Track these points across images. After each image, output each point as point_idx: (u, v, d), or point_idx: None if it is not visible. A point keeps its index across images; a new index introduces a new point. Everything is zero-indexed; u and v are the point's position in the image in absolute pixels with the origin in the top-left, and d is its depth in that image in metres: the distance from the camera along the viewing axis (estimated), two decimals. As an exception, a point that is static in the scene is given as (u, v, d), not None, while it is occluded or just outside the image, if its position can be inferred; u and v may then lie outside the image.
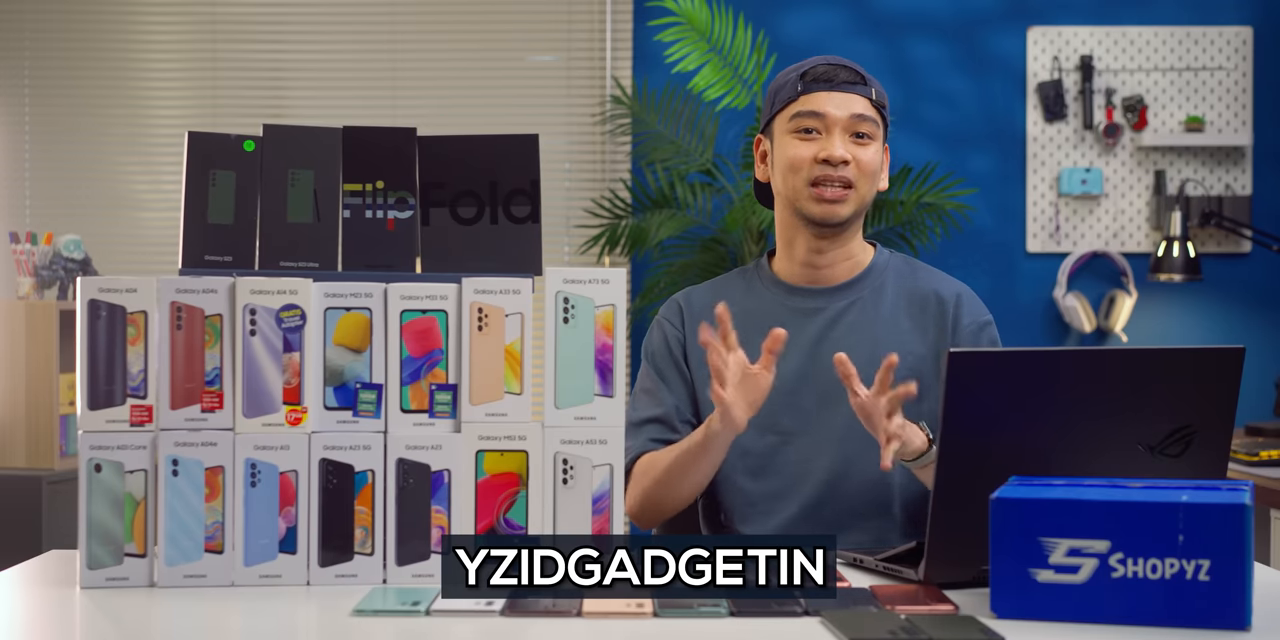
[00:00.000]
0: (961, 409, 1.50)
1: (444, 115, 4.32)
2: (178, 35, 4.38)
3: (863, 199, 1.99)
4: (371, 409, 1.62)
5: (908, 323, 2.01)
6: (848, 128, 1.97)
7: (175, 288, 1.60)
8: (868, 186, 1.99)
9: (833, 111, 1.97)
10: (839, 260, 2.04)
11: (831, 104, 1.97)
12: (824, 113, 1.97)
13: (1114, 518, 1.38)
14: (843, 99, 1.97)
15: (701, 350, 2.03)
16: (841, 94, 1.97)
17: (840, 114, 1.96)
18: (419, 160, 1.72)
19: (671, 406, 2.03)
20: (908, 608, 1.46)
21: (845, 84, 1.98)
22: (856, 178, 1.97)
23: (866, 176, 1.98)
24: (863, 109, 1.97)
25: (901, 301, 2.02)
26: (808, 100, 1.98)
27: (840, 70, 1.99)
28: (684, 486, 1.95)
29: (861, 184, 1.97)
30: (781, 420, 1.98)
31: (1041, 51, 4.30)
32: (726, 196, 4.17)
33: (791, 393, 1.99)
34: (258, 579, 1.59)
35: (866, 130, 1.97)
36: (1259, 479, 3.11)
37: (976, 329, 2.01)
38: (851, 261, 2.05)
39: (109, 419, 1.60)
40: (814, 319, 2.02)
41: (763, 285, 2.08)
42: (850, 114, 1.96)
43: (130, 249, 4.34)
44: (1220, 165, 4.29)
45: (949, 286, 2.05)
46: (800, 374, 1.99)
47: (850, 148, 1.96)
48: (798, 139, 1.98)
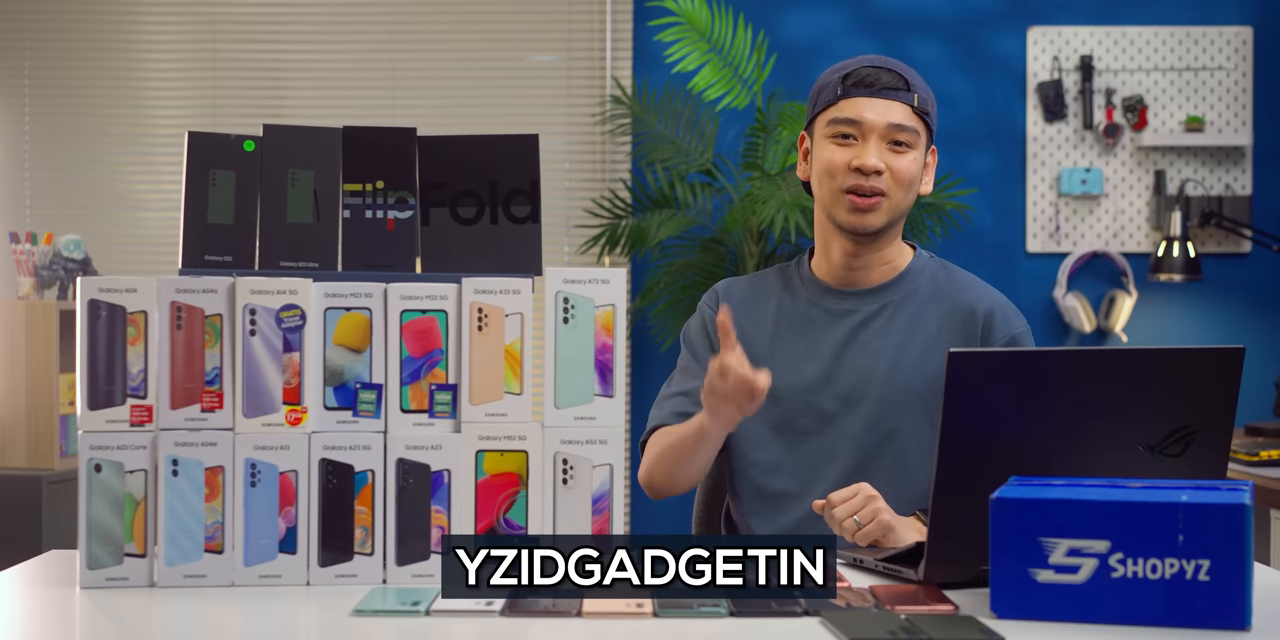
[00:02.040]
0: (961, 409, 1.50)
1: (444, 115, 4.32)
2: (178, 35, 4.38)
3: (896, 207, 1.96)
4: (371, 409, 1.62)
5: (937, 330, 1.99)
6: (885, 135, 1.94)
7: (175, 288, 1.60)
8: (902, 195, 1.96)
9: (870, 118, 1.94)
10: (874, 265, 2.02)
11: (870, 111, 1.94)
12: (861, 119, 1.94)
13: (1114, 518, 1.38)
14: (882, 106, 1.94)
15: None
16: (882, 101, 1.94)
17: (878, 121, 1.94)
18: (419, 160, 1.72)
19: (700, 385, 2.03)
20: (908, 608, 1.46)
21: (886, 90, 1.95)
22: (890, 187, 1.94)
23: (901, 186, 1.95)
24: (902, 117, 1.94)
25: (934, 309, 2.00)
26: (847, 105, 1.96)
27: (883, 74, 1.95)
28: (680, 473, 1.97)
29: (895, 193, 1.95)
30: (800, 420, 1.99)
31: (1041, 51, 4.30)
32: (726, 196, 4.17)
33: (812, 392, 1.99)
34: (258, 579, 1.59)
35: (905, 139, 1.94)
36: (1259, 479, 3.11)
37: (1006, 345, 1.99)
38: (888, 266, 2.03)
39: (109, 419, 1.59)
40: (844, 320, 2.01)
41: (800, 283, 2.07)
42: (888, 122, 1.94)
43: (130, 249, 4.34)
44: (1220, 165, 4.29)
45: (984, 300, 2.02)
46: (823, 375, 1.99)
47: (886, 156, 1.94)
48: (835, 144, 1.96)
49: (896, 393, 1.96)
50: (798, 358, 2.00)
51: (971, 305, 2.00)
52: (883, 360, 1.96)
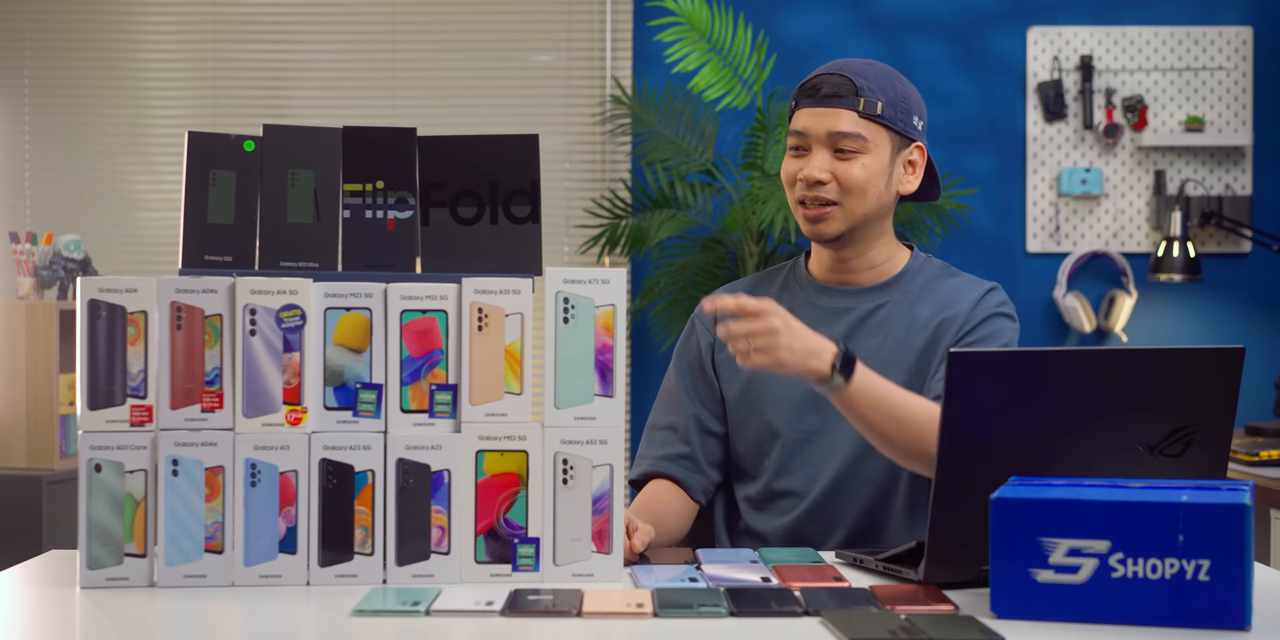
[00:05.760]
0: (961, 409, 1.49)
1: (444, 115, 4.32)
2: (178, 35, 4.38)
3: (851, 214, 1.94)
4: (371, 409, 1.62)
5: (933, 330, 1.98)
6: (829, 144, 1.93)
7: (175, 288, 1.60)
8: (856, 202, 1.93)
9: (813, 129, 1.93)
10: (861, 268, 2.02)
11: (812, 121, 1.94)
12: (805, 130, 1.94)
13: (1114, 518, 1.38)
14: (826, 114, 1.93)
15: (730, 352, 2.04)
16: (825, 109, 1.93)
17: (819, 131, 1.93)
18: (419, 160, 1.72)
19: (689, 415, 2.03)
20: (908, 608, 1.46)
21: (828, 98, 1.93)
22: (839, 195, 1.93)
23: (850, 192, 1.93)
24: (846, 125, 1.92)
25: (931, 308, 1.99)
26: (798, 116, 1.96)
27: (830, 80, 1.94)
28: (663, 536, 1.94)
29: (847, 200, 1.93)
30: (807, 418, 1.98)
31: (1041, 51, 4.30)
32: (726, 196, 4.17)
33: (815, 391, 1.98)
34: (258, 579, 1.59)
35: (848, 146, 1.92)
36: (1259, 479, 3.11)
37: (981, 320, 1.96)
38: (880, 267, 2.02)
39: (109, 419, 1.59)
40: (841, 319, 2.01)
41: (797, 284, 2.07)
42: (828, 130, 1.92)
43: (130, 249, 4.35)
44: (1220, 165, 4.29)
45: (974, 292, 2.00)
46: None
47: (833, 165, 1.93)
48: (790, 156, 1.97)
49: None
50: None
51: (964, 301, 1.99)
52: (879, 358, 1.96)
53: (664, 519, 1.94)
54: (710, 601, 1.47)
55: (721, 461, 2.05)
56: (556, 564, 1.61)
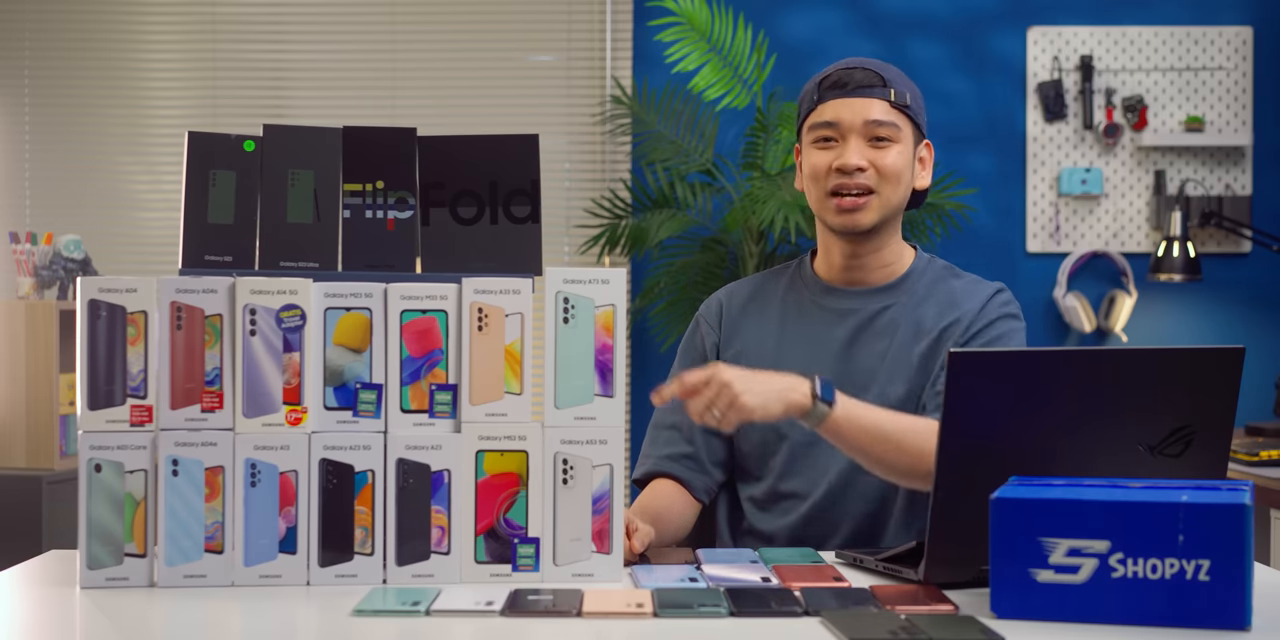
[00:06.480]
0: (961, 409, 1.49)
1: (444, 115, 4.32)
2: (178, 35, 4.38)
3: (887, 203, 1.96)
4: (371, 409, 1.62)
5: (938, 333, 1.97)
6: (864, 133, 1.94)
7: (175, 288, 1.60)
8: (891, 190, 1.95)
9: (847, 118, 1.94)
10: (874, 266, 2.02)
11: (846, 110, 1.94)
12: (838, 120, 1.95)
13: (1114, 518, 1.38)
14: (858, 104, 1.94)
15: (737, 349, 2.03)
16: (857, 99, 1.95)
17: (855, 120, 1.94)
18: (419, 160, 1.72)
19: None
20: (908, 608, 1.46)
21: (860, 88, 1.95)
22: (877, 183, 1.94)
23: (888, 180, 1.94)
24: (879, 113, 1.94)
25: (936, 311, 1.99)
26: (825, 109, 1.96)
27: (856, 73, 1.96)
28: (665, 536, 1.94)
29: (884, 188, 1.95)
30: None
31: (1041, 51, 4.30)
32: (726, 196, 4.17)
33: None
34: (258, 579, 1.59)
35: (885, 134, 1.94)
36: (1259, 479, 3.11)
37: (989, 322, 1.97)
38: (889, 267, 2.02)
39: (109, 419, 1.59)
40: (847, 320, 2.01)
41: (802, 284, 2.07)
42: (865, 119, 1.94)
43: (130, 249, 4.35)
44: (1220, 165, 4.29)
45: (980, 294, 2.00)
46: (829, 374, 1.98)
47: (868, 153, 1.94)
48: (817, 148, 1.97)
49: (898, 392, 1.95)
50: (804, 357, 2.00)
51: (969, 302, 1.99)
52: (885, 360, 1.96)
53: (666, 518, 1.94)
54: (710, 601, 1.47)
55: (725, 461, 2.05)
56: (556, 564, 1.61)
